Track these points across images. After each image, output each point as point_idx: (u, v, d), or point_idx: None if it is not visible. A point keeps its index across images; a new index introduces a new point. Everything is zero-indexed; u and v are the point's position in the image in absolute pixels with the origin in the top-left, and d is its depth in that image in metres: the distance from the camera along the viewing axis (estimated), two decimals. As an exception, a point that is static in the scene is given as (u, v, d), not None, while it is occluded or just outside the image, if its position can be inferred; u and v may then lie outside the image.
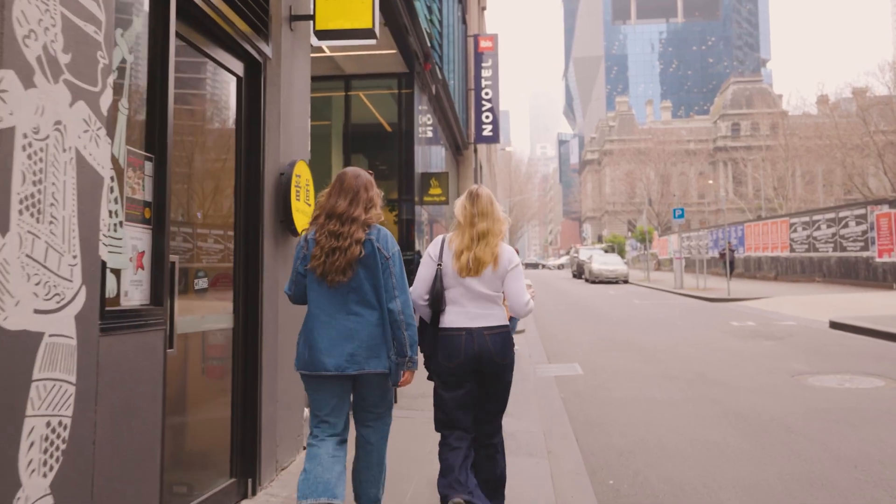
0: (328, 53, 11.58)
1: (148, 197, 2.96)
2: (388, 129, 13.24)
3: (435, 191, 13.26)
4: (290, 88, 4.78)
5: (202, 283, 3.63)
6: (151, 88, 3.03)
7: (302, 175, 4.73)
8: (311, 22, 5.19)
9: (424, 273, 3.59)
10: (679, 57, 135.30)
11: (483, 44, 22.39)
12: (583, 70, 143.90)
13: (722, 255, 25.29)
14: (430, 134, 16.44)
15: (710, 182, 79.71)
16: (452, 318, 3.49)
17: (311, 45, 5.87)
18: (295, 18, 4.89)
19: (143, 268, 2.91)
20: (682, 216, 24.84)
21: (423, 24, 11.31)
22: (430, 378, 3.64)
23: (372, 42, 5.96)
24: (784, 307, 17.40)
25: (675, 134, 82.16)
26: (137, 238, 2.88)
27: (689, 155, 78.80)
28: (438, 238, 3.71)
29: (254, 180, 4.22)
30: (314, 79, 12.84)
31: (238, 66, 4.13)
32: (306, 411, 5.33)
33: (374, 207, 3.31)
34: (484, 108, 22.17)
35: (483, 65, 22.37)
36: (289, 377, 4.53)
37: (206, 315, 3.71)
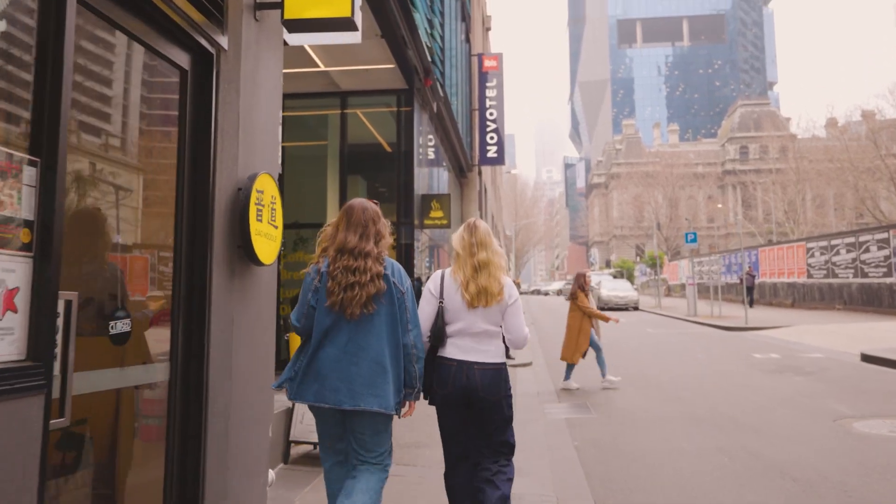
0: (322, 68, 10.95)
1: (27, 214, 2.20)
2: (388, 149, 12.51)
3: (436, 214, 12.53)
4: (253, 89, 4.05)
5: (122, 325, 2.85)
6: (41, 70, 2.30)
7: (266, 191, 3.95)
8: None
9: (427, 309, 3.63)
10: (685, 80, 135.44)
11: (487, 63, 21.82)
12: (589, 93, 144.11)
13: (743, 281, 24.40)
14: (431, 155, 15.77)
15: (720, 206, 79.12)
16: (449, 349, 3.58)
17: (287, 42, 5.17)
18: (260, 7, 4.18)
19: (14, 310, 2.14)
20: (694, 241, 24.07)
21: (423, 38, 10.66)
22: (430, 403, 3.69)
23: (355, 39, 5.27)
24: (807, 337, 16.51)
25: (683, 157, 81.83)
26: (8, 270, 2.12)
27: (698, 178, 78.56)
28: (437, 273, 3.76)
29: (202, 196, 3.45)
30: (308, 96, 12.21)
31: (183, 58, 3.39)
32: (271, 474, 4.52)
33: (382, 239, 3.40)
34: (488, 129, 21.54)
35: (487, 84, 21.79)
36: (247, 436, 3.74)
37: (127, 368, 2.94)
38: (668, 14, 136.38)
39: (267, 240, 3.91)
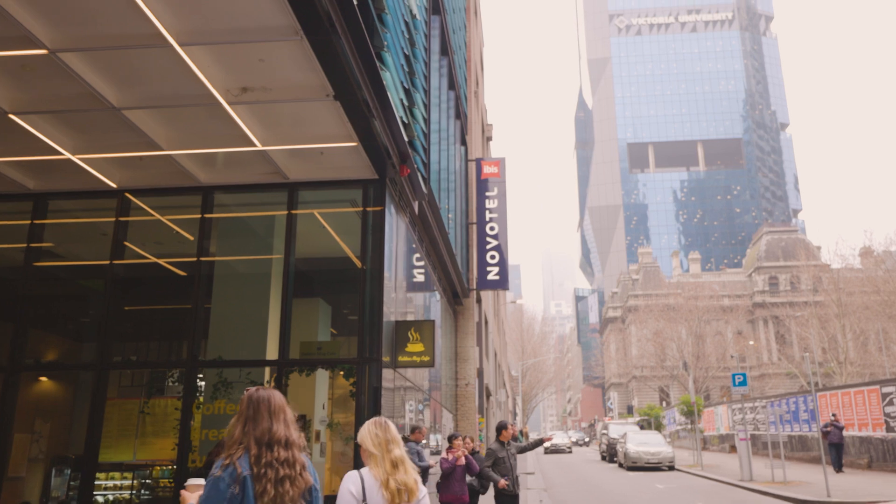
0: (259, 147, 8.74)
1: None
2: (359, 263, 10.04)
3: (414, 347, 9.95)
4: None
5: None
6: None
7: None
8: None
9: None
10: (703, 206, 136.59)
11: (487, 169, 19.99)
12: (600, 220, 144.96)
13: (825, 434, 21.30)
14: (416, 275, 13.39)
15: (752, 343, 76.47)
16: None
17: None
18: None
19: None
20: (744, 383, 21.28)
21: (397, 108, 8.51)
22: None
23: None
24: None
25: (706, 288, 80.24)
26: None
27: (725, 312, 76.59)
28: (354, 473, 3.81)
29: None
30: (244, 189, 9.95)
31: None
32: None
33: (297, 428, 3.39)
34: (489, 247, 19.36)
35: (487, 194, 19.85)
36: None
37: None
38: (681, 138, 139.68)
39: None
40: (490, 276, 19.18)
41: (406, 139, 9.21)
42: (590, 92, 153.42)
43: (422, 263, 13.64)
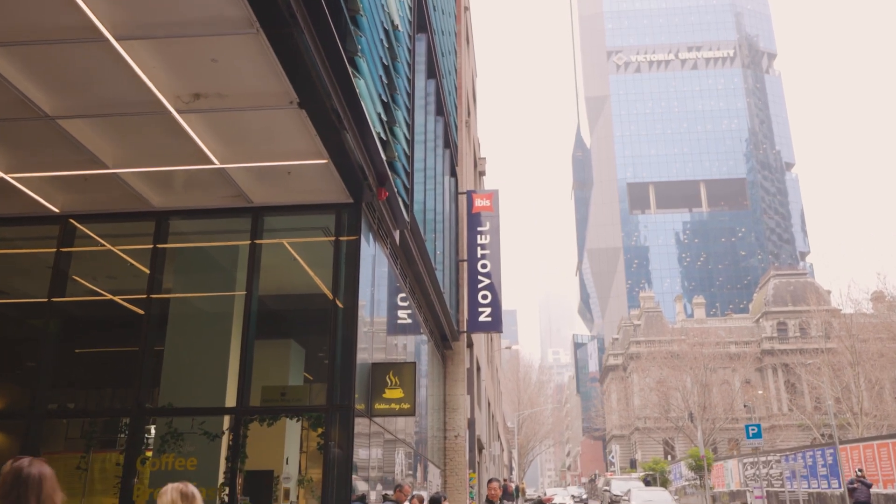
0: (217, 164, 8.07)
1: None
2: (331, 296, 9.30)
3: (393, 393, 9.19)
4: None
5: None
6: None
7: None
8: None
9: None
10: (707, 249, 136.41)
11: (479, 202, 19.38)
12: (599, 263, 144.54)
13: (851, 492, 20.41)
14: (402, 316, 12.65)
15: (760, 392, 75.53)
16: None
17: None
18: None
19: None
20: (758, 435, 20.44)
21: (373, 122, 7.87)
22: None
23: None
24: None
25: (712, 335, 79.44)
26: None
27: (732, 359, 75.91)
28: None
29: None
30: (202, 214, 9.25)
31: None
32: None
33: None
34: (480, 285, 18.66)
35: (479, 229, 19.21)
36: None
37: None
38: (683, 178, 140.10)
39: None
40: (482, 318, 18.45)
41: (384, 158, 8.56)
42: (588, 130, 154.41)
43: (406, 302, 12.92)
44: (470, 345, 20.59)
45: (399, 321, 12.41)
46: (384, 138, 8.68)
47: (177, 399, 9.12)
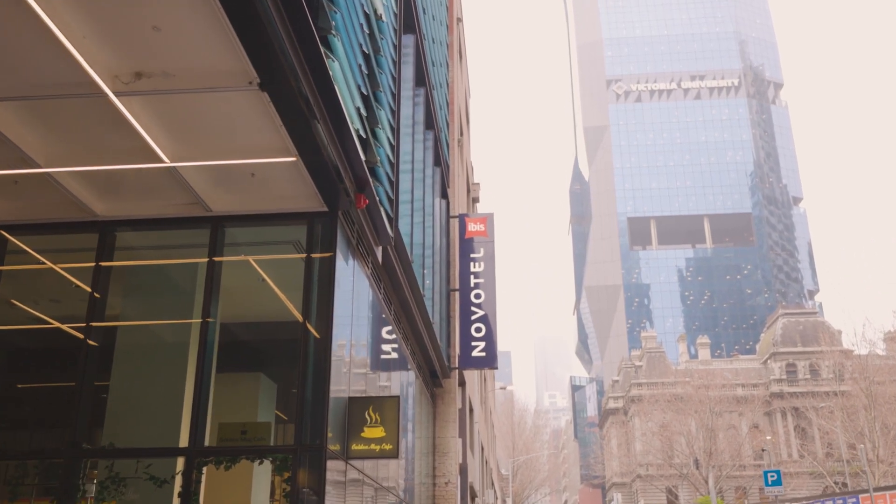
0: (168, 164, 7.22)
1: None
2: (301, 318, 8.41)
3: (373, 431, 8.26)
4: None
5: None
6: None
7: None
8: None
9: None
10: (711, 287, 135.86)
11: (472, 226, 18.58)
12: (598, 301, 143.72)
13: None
14: (385, 348, 11.75)
15: (769, 437, 74.55)
16: None
17: None
18: None
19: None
20: (778, 482, 19.49)
21: (350, 116, 7.04)
22: None
23: None
24: None
25: (717, 376, 78.55)
26: None
27: (739, 402, 75.30)
28: None
29: None
30: (153, 224, 8.36)
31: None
32: None
33: None
34: (474, 317, 17.78)
35: (473, 256, 18.38)
36: None
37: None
38: (686, 212, 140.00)
39: None
40: (475, 353, 17.55)
41: (364, 159, 7.73)
42: (586, 162, 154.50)
43: (391, 334, 12.03)
44: (462, 383, 19.65)
45: (382, 354, 11.52)
46: (363, 136, 7.86)
47: (121, 439, 8.18)
